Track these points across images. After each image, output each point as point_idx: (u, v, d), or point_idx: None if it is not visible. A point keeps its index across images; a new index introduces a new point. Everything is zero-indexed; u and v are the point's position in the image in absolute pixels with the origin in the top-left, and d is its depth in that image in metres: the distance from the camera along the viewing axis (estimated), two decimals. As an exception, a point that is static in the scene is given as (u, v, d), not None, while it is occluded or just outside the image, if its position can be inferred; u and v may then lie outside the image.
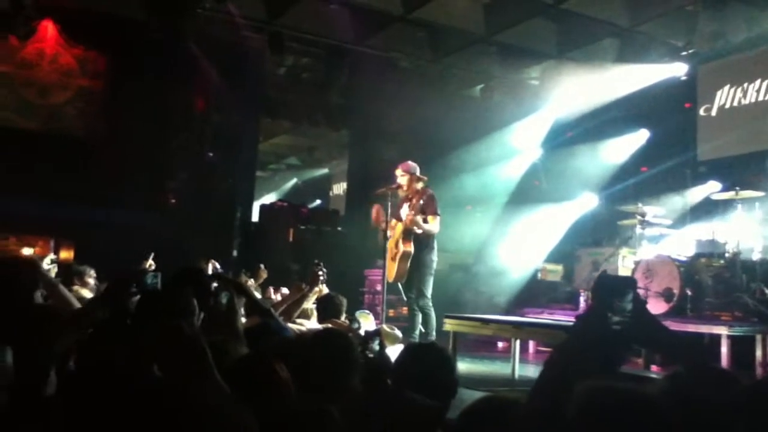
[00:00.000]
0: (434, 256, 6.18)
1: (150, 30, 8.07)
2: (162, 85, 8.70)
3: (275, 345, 2.92)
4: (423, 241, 6.12)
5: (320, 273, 4.89)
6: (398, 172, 6.39)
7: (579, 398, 1.47)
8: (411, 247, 6.10)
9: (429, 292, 6.07)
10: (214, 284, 4.38)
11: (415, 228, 6.02)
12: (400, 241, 6.15)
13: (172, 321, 2.57)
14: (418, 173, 6.37)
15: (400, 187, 6.39)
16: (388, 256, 6.29)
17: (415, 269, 6.10)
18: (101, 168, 8.39)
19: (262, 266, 6.45)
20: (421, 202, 6.09)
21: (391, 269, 6.26)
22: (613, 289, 1.89)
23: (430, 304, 6.05)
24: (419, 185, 6.31)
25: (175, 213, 9.11)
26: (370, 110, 9.84)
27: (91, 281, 5.31)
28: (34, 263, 3.36)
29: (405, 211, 6.23)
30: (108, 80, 9.06)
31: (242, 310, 4.03)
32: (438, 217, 6.13)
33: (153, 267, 5.54)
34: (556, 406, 1.51)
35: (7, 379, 2.12)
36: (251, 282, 6.32)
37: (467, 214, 9.31)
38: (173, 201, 9.40)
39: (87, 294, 4.81)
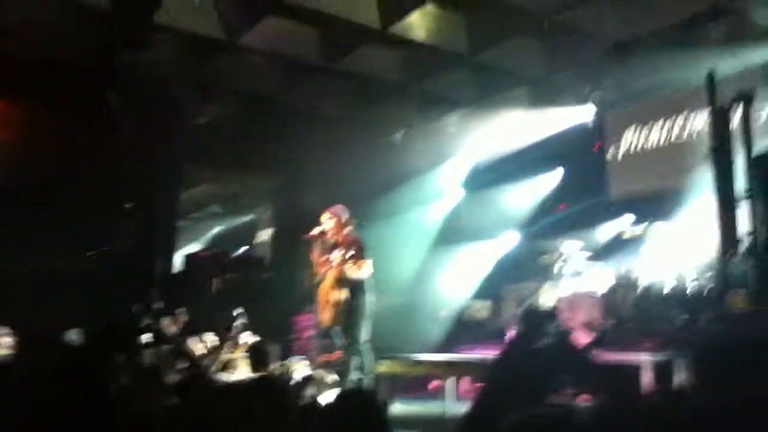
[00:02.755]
0: (370, 298, 6.20)
1: (68, 77, 7.89)
2: (80, 134, 8.48)
3: (209, 395, 2.88)
4: (357, 286, 6.15)
5: (235, 323, 4.88)
6: (325, 216, 6.41)
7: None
8: (345, 294, 6.11)
9: (366, 335, 6.09)
10: (146, 337, 4.26)
11: (347, 277, 6.06)
12: (334, 288, 6.15)
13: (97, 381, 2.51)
14: (346, 218, 6.41)
15: (326, 232, 6.41)
16: (322, 300, 6.28)
17: (350, 314, 6.10)
18: (19, 217, 8.04)
19: (180, 312, 6.29)
20: (351, 248, 6.13)
21: (325, 315, 6.24)
22: (536, 322, 1.98)
23: (368, 347, 6.06)
24: (346, 230, 6.35)
25: (96, 263, 8.80)
26: (296, 157, 9.88)
27: (2, 340, 5.07)
28: None
29: (335, 256, 6.24)
30: (22, 130, 8.75)
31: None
32: (368, 261, 6.18)
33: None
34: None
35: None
36: (173, 328, 6.16)
37: (396, 257, 9.39)
38: (91, 253, 9.09)
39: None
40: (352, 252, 6.13)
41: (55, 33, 7.51)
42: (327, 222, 6.38)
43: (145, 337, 5.29)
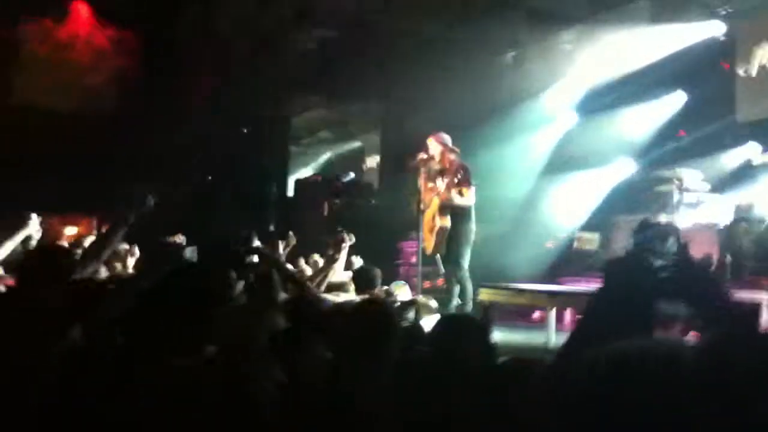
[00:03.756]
0: (472, 226, 6.20)
1: (181, 7, 8.14)
2: (193, 63, 8.78)
3: (316, 316, 3.00)
4: (460, 213, 6.15)
5: (344, 240, 4.98)
6: (430, 143, 6.38)
7: (602, 359, 1.44)
8: (447, 221, 6.13)
9: (466, 263, 6.11)
10: (253, 258, 4.46)
11: (451, 201, 6.04)
12: (437, 215, 6.18)
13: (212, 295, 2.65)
14: (450, 144, 6.36)
15: (432, 158, 6.39)
16: (425, 228, 6.33)
17: (452, 241, 6.14)
18: (138, 146, 8.54)
19: (291, 233, 6.47)
20: (457, 176, 6.09)
21: (429, 242, 6.31)
22: (654, 234, 1.82)
23: (467, 275, 6.09)
24: (452, 156, 6.30)
25: (211, 188, 9.25)
26: (401, 82, 9.79)
27: (131, 260, 5.46)
28: (66, 252, 3.48)
29: (440, 183, 6.24)
30: (142, 60, 9.18)
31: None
32: (473, 188, 6.13)
33: (183, 242, 5.66)
34: (579, 365, 1.46)
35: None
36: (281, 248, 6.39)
37: (501, 185, 9.24)
38: (210, 177, 9.54)
39: (124, 266, 4.96)
40: (456, 178, 6.09)
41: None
42: (432, 148, 6.35)
43: (256, 259, 5.56)
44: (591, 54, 9.14)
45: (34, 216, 4.73)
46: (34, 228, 4.58)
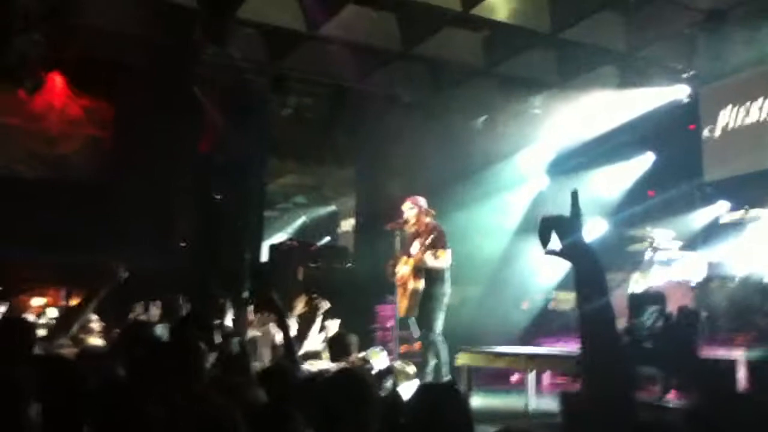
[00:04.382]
0: (446, 290, 6.18)
1: (155, 76, 8.21)
2: (169, 130, 8.80)
3: (292, 388, 2.91)
4: (434, 276, 6.14)
5: (318, 306, 4.94)
6: (406, 206, 6.42)
7: None
8: (421, 284, 6.11)
9: (439, 326, 6.07)
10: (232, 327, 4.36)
11: (424, 266, 6.04)
12: (411, 277, 6.16)
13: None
14: (425, 207, 6.40)
15: (407, 222, 6.41)
16: (399, 290, 6.29)
17: (425, 303, 6.10)
18: (110, 214, 8.45)
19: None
20: (431, 237, 6.11)
21: (402, 304, 6.26)
22: (643, 307, 1.85)
23: (441, 338, 6.04)
24: (427, 219, 6.34)
25: (184, 256, 9.13)
26: (375, 146, 9.91)
27: (95, 326, 5.33)
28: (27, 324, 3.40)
29: (415, 246, 6.25)
30: (115, 128, 9.18)
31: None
32: (448, 251, 6.14)
33: (157, 314, 5.55)
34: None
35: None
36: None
37: (476, 246, 9.27)
38: (183, 244, 9.44)
39: (93, 340, 4.82)
40: (431, 241, 6.11)
41: (138, 30, 7.79)
42: (407, 211, 6.39)
43: (232, 326, 5.46)
44: (561, 118, 9.36)
45: None
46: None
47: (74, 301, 8.55)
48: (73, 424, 2.29)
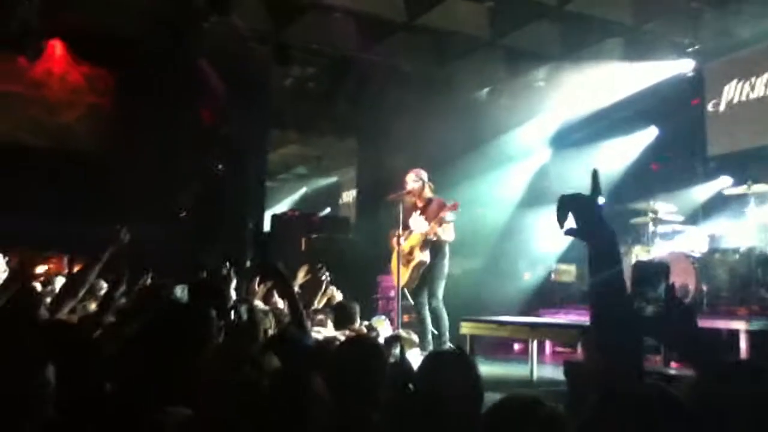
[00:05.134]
0: (447, 261, 6.24)
1: (156, 45, 8.14)
2: (169, 100, 8.76)
3: (305, 355, 2.94)
4: (437, 248, 6.19)
5: (323, 278, 4.96)
6: (410, 177, 6.43)
7: (603, 401, 1.45)
8: (427, 256, 6.16)
9: (441, 294, 6.15)
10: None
11: (433, 236, 6.08)
12: (417, 249, 6.20)
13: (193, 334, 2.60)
14: (428, 179, 6.43)
15: (410, 193, 6.43)
16: (401, 261, 6.33)
17: (428, 275, 6.16)
18: (112, 183, 8.44)
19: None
20: (434, 212, 6.16)
21: (403, 275, 6.31)
22: (645, 278, 1.85)
23: (442, 306, 6.12)
24: (429, 192, 6.37)
25: (186, 225, 9.14)
26: (377, 118, 9.88)
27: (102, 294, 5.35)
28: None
29: (416, 217, 6.27)
30: (116, 97, 9.13)
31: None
32: (452, 225, 6.19)
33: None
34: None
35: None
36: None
37: (478, 218, 9.29)
38: (184, 214, 9.44)
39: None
40: (434, 214, 6.14)
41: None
42: (411, 183, 6.40)
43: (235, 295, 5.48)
44: (565, 90, 9.31)
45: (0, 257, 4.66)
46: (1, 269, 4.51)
47: (77, 269, 8.61)
48: (90, 385, 2.32)
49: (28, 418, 2.08)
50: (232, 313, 4.15)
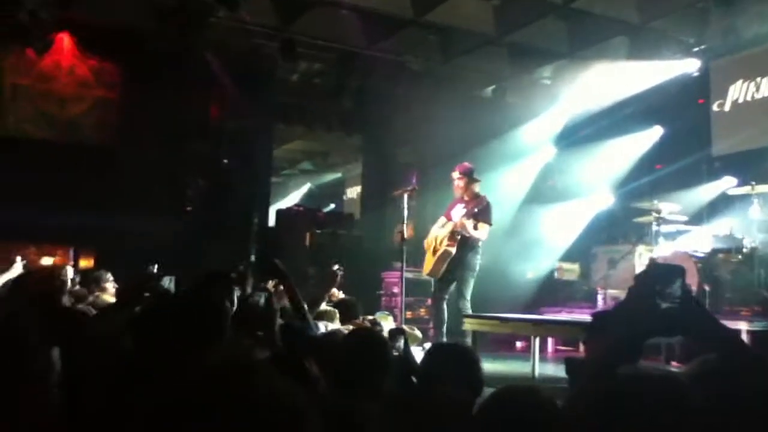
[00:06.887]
0: (478, 260, 6.27)
1: (163, 39, 8.17)
2: (177, 94, 8.80)
3: (308, 344, 2.98)
4: (469, 244, 6.23)
5: (338, 273, 4.97)
6: (455, 174, 6.49)
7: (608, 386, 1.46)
8: (453, 248, 6.18)
9: (469, 294, 6.16)
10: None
11: (463, 231, 6.11)
12: (445, 239, 6.24)
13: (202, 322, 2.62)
14: (473, 175, 6.46)
15: (415, 189, 6.51)
16: (429, 248, 6.38)
17: (457, 270, 6.19)
18: (119, 176, 8.49)
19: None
20: (477, 209, 6.19)
21: (428, 263, 6.36)
22: (662, 276, 1.87)
23: (468, 305, 6.14)
24: (476, 188, 6.42)
25: (192, 219, 9.19)
26: (383, 114, 9.90)
27: (110, 286, 5.40)
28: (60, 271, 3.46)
29: (458, 211, 6.32)
30: (123, 90, 9.17)
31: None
32: (488, 227, 6.22)
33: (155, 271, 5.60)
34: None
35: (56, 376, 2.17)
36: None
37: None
38: (190, 208, 9.48)
39: (108, 298, 4.90)
40: (476, 213, 6.19)
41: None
42: (456, 180, 6.47)
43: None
44: (570, 88, 9.32)
45: (18, 259, 4.75)
46: (18, 271, 4.59)
47: (83, 262, 8.66)
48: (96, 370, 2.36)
49: (30, 396, 2.12)
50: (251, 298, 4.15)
